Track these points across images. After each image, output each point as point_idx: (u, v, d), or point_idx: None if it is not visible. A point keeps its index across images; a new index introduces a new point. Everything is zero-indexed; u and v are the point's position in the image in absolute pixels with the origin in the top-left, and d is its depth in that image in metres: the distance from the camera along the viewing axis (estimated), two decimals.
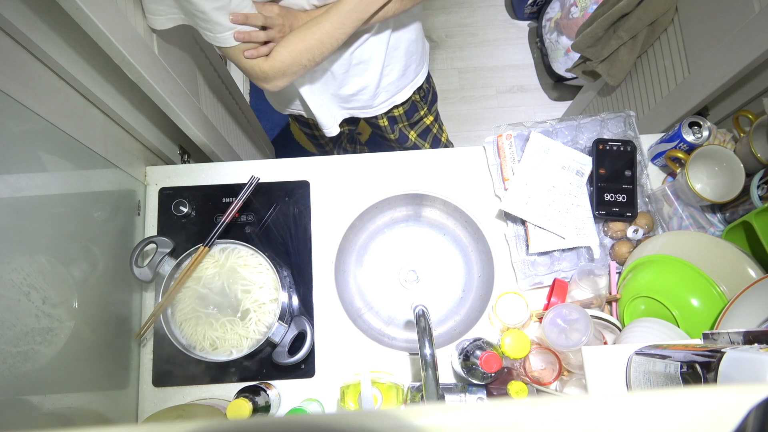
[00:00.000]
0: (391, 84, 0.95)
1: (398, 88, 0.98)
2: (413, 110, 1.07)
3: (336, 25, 0.73)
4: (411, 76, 0.98)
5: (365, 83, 0.91)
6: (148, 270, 0.80)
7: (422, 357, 0.62)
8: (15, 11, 0.56)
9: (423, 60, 0.99)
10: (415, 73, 0.98)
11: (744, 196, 0.81)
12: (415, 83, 1.00)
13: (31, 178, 0.61)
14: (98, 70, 0.73)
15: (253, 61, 0.74)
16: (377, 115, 1.02)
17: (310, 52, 0.74)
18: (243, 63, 0.75)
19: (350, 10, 0.72)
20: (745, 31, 0.82)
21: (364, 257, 0.98)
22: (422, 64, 1.00)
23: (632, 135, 0.91)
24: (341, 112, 0.99)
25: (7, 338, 0.55)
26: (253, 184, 0.84)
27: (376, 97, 0.96)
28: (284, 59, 0.74)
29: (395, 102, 1.00)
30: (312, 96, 0.91)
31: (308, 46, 0.74)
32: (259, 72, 0.75)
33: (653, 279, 0.77)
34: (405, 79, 0.97)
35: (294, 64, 0.75)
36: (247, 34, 0.71)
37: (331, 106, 0.96)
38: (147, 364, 0.83)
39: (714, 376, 0.45)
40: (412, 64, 0.95)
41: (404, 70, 0.94)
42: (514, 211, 0.85)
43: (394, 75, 0.93)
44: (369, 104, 0.97)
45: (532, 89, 1.96)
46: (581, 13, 1.63)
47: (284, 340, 0.79)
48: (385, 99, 0.98)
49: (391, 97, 0.99)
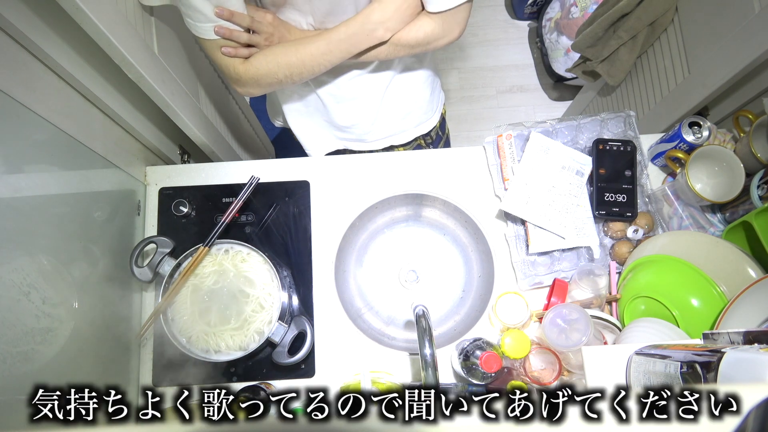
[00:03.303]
0: (389, 124, 0.92)
1: (398, 130, 0.94)
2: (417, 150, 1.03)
3: (322, 50, 0.71)
4: (414, 121, 0.95)
5: (357, 119, 0.88)
6: (148, 270, 0.80)
7: (422, 357, 0.62)
8: (15, 11, 0.56)
9: (431, 108, 0.95)
10: (420, 120, 0.95)
11: (744, 196, 0.81)
12: (419, 130, 0.97)
13: (31, 178, 0.61)
14: (98, 70, 0.73)
15: (228, 59, 0.72)
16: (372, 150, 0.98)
17: (288, 69, 0.72)
18: (218, 59, 0.72)
19: (340, 40, 0.70)
20: (745, 31, 0.82)
21: (364, 257, 0.98)
22: (430, 113, 0.96)
23: (632, 135, 0.91)
24: (334, 142, 0.96)
25: (7, 338, 0.55)
26: (253, 184, 0.84)
27: (370, 132, 0.93)
28: (260, 68, 0.72)
29: (393, 142, 0.97)
30: (297, 118, 0.89)
31: (288, 62, 0.72)
32: (233, 73, 0.73)
33: (653, 279, 0.77)
34: (406, 123, 0.94)
35: (269, 76, 0.73)
36: (229, 31, 0.69)
37: (324, 132, 0.94)
38: (147, 364, 0.83)
39: (714, 376, 0.45)
40: (416, 111, 0.92)
41: (405, 115, 0.91)
42: (514, 211, 0.85)
43: (392, 116, 0.90)
44: (363, 138, 0.94)
45: (532, 89, 1.96)
46: (581, 13, 1.63)
47: (284, 340, 0.79)
48: (383, 137, 0.95)
49: (389, 136, 0.95)
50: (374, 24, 0.69)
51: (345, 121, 0.89)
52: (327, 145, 0.97)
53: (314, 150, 0.97)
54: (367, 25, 0.69)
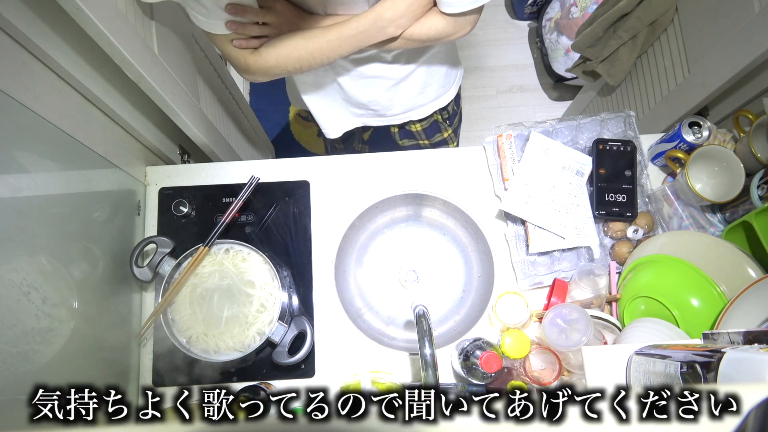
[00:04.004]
0: (407, 99, 0.92)
1: (415, 105, 0.94)
2: (434, 130, 1.03)
3: (333, 45, 0.71)
4: (431, 95, 0.94)
5: (374, 96, 0.89)
6: (148, 270, 0.80)
7: (422, 357, 0.62)
8: (15, 11, 0.56)
9: (449, 82, 0.95)
10: (437, 93, 0.95)
11: (744, 196, 0.81)
12: (436, 104, 0.96)
13: (31, 178, 0.61)
14: (98, 70, 0.73)
15: (239, 51, 0.72)
16: (390, 125, 0.99)
17: (298, 62, 0.73)
18: (228, 51, 0.72)
19: (351, 36, 0.70)
20: (745, 31, 0.82)
21: (364, 257, 0.98)
22: (448, 86, 0.96)
23: (632, 135, 0.91)
24: (351, 120, 0.96)
25: (7, 338, 0.55)
26: (253, 184, 0.84)
27: (390, 108, 0.93)
28: (270, 59, 0.73)
29: (411, 117, 0.97)
30: (314, 98, 0.90)
31: (298, 55, 0.72)
32: (243, 64, 0.74)
33: (653, 279, 0.77)
34: (423, 97, 0.94)
35: (278, 67, 0.74)
36: (241, 26, 0.69)
37: (341, 112, 0.94)
38: (147, 364, 0.83)
39: (714, 376, 0.45)
40: (434, 84, 0.92)
41: (422, 89, 0.91)
42: (514, 211, 0.85)
43: (409, 92, 0.90)
44: (382, 113, 0.94)
45: (532, 89, 1.96)
46: (581, 13, 1.63)
47: (284, 340, 0.79)
48: (401, 111, 0.95)
49: (407, 111, 0.95)
50: (386, 21, 0.69)
51: (363, 97, 0.89)
52: (345, 124, 0.97)
53: (332, 129, 0.96)
54: (378, 23, 0.69)
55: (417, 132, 1.03)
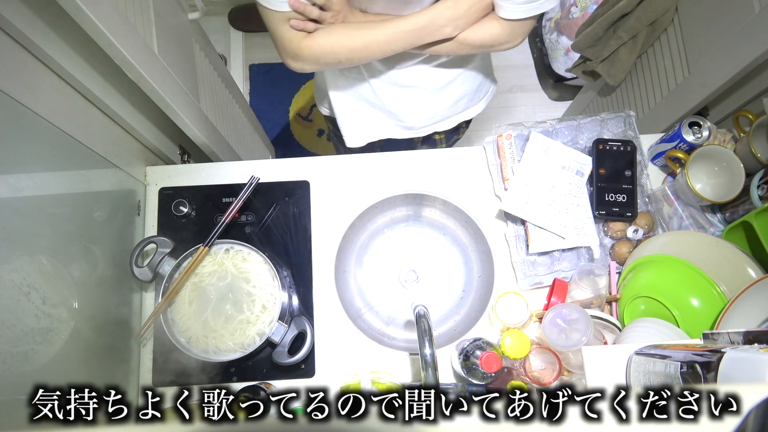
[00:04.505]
0: (437, 111, 0.92)
1: (443, 117, 0.94)
2: (454, 133, 1.03)
3: (389, 38, 0.70)
4: (460, 108, 0.94)
5: (406, 105, 0.88)
6: (148, 270, 0.80)
7: (422, 357, 0.62)
8: (15, 11, 0.56)
9: (479, 96, 0.95)
10: (466, 106, 0.94)
11: (744, 196, 0.81)
12: (464, 116, 0.96)
13: (31, 178, 0.61)
14: (98, 70, 0.73)
15: (292, 33, 0.69)
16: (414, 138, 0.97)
17: (351, 52, 0.71)
18: (282, 32, 0.70)
19: (407, 31, 0.69)
20: (745, 31, 0.82)
21: (364, 257, 0.98)
22: (478, 99, 0.95)
23: (632, 135, 0.91)
24: (377, 131, 0.95)
25: (7, 338, 0.55)
26: (253, 184, 0.84)
27: (419, 120, 0.92)
28: (323, 45, 0.71)
29: (437, 129, 0.96)
30: (343, 104, 0.88)
31: (353, 45, 0.71)
32: (294, 47, 0.71)
33: (653, 279, 0.77)
34: (453, 110, 0.93)
35: (329, 55, 0.72)
36: (303, 5, 0.66)
37: (368, 120, 0.92)
38: (147, 364, 0.83)
39: (714, 376, 0.45)
40: (464, 98, 0.92)
41: (454, 103, 0.91)
42: (514, 211, 0.85)
43: (442, 104, 0.90)
44: (409, 126, 0.93)
45: (532, 89, 1.96)
46: (581, 13, 1.63)
47: (284, 340, 0.79)
48: (428, 123, 0.94)
49: (434, 123, 0.95)
50: (446, 20, 0.69)
51: (394, 106, 0.88)
52: (369, 134, 0.95)
53: (355, 138, 0.95)
54: (438, 21, 0.69)
55: (439, 139, 1.03)
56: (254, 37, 1.93)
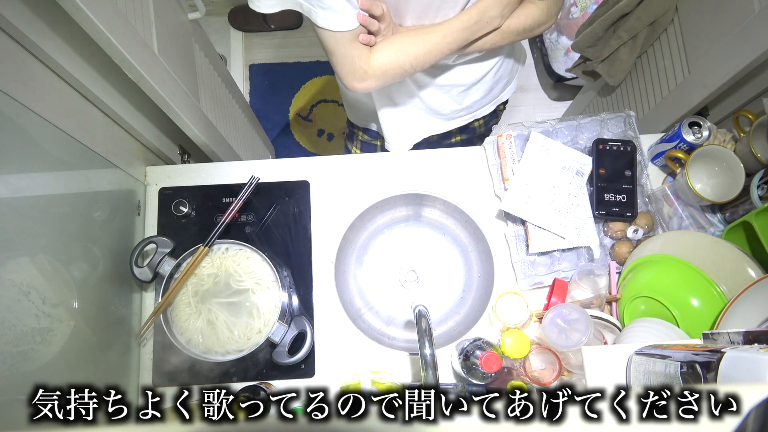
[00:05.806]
0: (475, 102, 0.94)
1: (481, 105, 0.96)
2: (493, 117, 1.04)
3: (448, 39, 0.71)
4: (497, 93, 0.96)
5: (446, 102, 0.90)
6: (148, 270, 0.80)
7: (422, 357, 0.62)
8: (15, 11, 0.56)
9: (512, 76, 0.97)
10: (502, 89, 0.97)
11: (744, 196, 0.81)
12: (500, 98, 0.98)
13: (31, 178, 0.61)
14: (98, 70, 0.73)
15: (361, 50, 0.69)
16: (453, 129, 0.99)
17: (416, 59, 0.72)
18: (350, 50, 0.68)
19: (462, 29, 0.71)
20: (745, 31, 0.82)
21: (364, 257, 0.98)
22: (511, 81, 0.97)
23: (632, 135, 0.91)
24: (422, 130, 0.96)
25: (7, 338, 0.55)
26: (253, 184, 0.84)
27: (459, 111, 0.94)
28: (390, 57, 0.71)
29: (476, 116, 0.98)
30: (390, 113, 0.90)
31: (416, 52, 0.71)
32: (363, 64, 0.70)
33: (653, 279, 0.77)
34: (489, 98, 0.95)
35: (395, 66, 0.72)
36: (368, 19, 0.66)
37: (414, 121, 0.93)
38: (147, 364, 0.83)
39: (714, 376, 0.45)
40: (500, 83, 0.94)
41: (489, 90, 0.93)
42: (514, 211, 0.85)
43: (477, 95, 0.92)
44: (452, 117, 0.95)
45: (532, 89, 1.96)
46: (581, 13, 1.63)
47: (284, 340, 0.79)
48: (466, 114, 0.96)
49: (473, 112, 0.97)
50: (495, 12, 0.71)
51: (436, 104, 0.90)
52: (415, 134, 0.96)
53: (399, 142, 0.96)
54: (488, 13, 0.71)
55: (478, 126, 1.04)
56: (254, 37, 1.93)
